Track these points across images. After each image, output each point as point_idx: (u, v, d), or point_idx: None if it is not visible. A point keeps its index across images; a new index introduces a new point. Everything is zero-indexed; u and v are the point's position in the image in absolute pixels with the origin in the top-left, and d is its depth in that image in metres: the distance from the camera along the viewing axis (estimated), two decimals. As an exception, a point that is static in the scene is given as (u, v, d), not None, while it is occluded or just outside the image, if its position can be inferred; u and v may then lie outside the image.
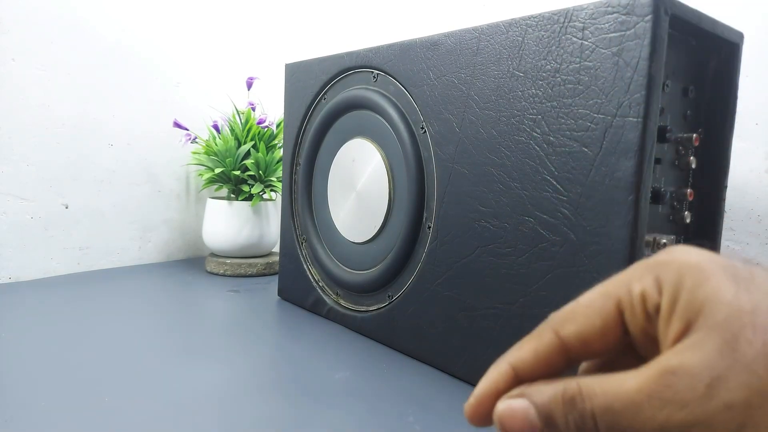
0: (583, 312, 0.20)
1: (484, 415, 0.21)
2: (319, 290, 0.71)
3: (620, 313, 0.19)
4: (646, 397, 0.17)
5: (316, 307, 0.71)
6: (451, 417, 0.44)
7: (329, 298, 0.69)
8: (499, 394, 0.20)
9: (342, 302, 0.67)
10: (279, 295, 0.79)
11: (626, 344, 0.20)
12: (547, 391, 0.19)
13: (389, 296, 0.60)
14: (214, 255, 0.94)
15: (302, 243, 0.74)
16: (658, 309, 0.18)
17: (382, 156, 0.61)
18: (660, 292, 0.18)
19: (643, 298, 0.19)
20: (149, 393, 0.46)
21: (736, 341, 0.16)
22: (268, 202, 0.95)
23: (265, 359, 0.56)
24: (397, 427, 0.42)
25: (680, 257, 0.19)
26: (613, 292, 0.19)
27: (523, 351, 0.21)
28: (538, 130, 0.44)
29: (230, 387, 0.48)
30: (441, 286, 0.53)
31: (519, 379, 0.20)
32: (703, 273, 0.18)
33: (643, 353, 0.20)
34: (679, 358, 0.17)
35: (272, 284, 0.86)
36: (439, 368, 0.54)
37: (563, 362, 0.20)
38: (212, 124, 0.95)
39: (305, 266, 0.73)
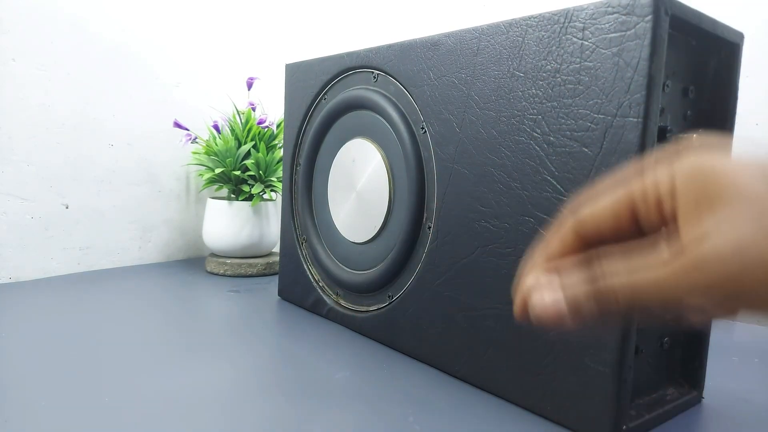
0: (598, 209, 0.23)
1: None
2: (319, 290, 0.71)
3: (633, 211, 0.22)
4: (673, 280, 0.19)
5: (316, 307, 0.71)
6: (451, 417, 0.44)
7: (329, 298, 0.69)
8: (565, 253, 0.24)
9: (342, 302, 0.67)
10: (279, 295, 0.79)
11: (638, 231, 0.22)
12: (576, 283, 0.22)
13: (389, 296, 0.60)
14: (214, 255, 0.94)
15: (302, 243, 0.74)
16: (674, 211, 0.20)
17: (382, 156, 0.61)
18: (674, 197, 0.20)
19: (659, 203, 0.21)
20: (149, 393, 0.46)
21: (763, 214, 0.18)
22: (269, 202, 0.95)
23: (265, 359, 0.56)
24: (397, 427, 0.42)
25: (695, 161, 0.20)
26: (628, 192, 0.22)
27: (551, 243, 0.24)
28: (539, 131, 0.44)
29: (230, 387, 0.48)
30: (441, 286, 0.53)
31: (584, 240, 0.24)
32: (719, 169, 0.19)
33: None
34: (705, 246, 0.18)
35: (272, 284, 0.86)
36: (439, 368, 0.54)
37: (583, 246, 0.23)
38: (212, 124, 0.95)
39: (305, 266, 0.73)
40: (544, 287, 0.23)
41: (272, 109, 1.04)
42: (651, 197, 0.21)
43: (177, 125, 0.94)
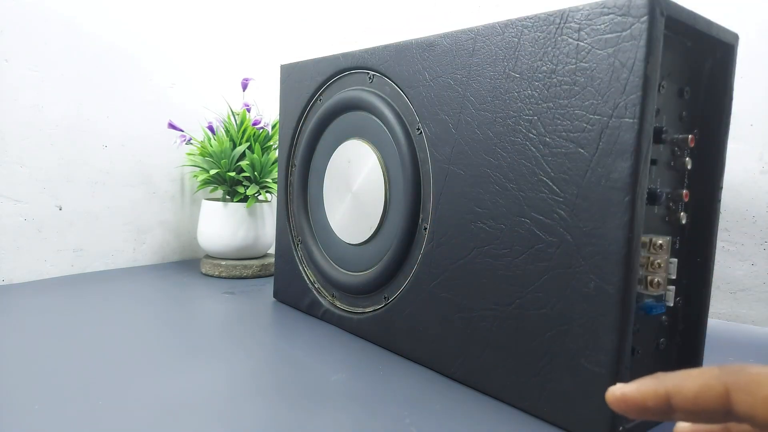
0: None
1: (623, 410, 0.22)
2: (315, 292, 0.70)
3: None
4: None
5: (311, 309, 0.71)
6: (447, 419, 0.44)
7: (325, 300, 0.69)
8: (644, 409, 0.22)
9: (338, 304, 0.67)
10: (274, 296, 0.78)
11: None
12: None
13: (385, 298, 0.60)
14: (209, 257, 0.93)
15: (298, 244, 0.74)
16: None
17: (377, 157, 0.60)
18: None
19: None
20: (144, 396, 0.46)
21: None
22: (264, 204, 0.94)
23: (260, 361, 0.56)
24: (393, 429, 0.42)
25: None
26: None
27: (687, 387, 0.21)
28: (534, 131, 0.44)
29: (226, 389, 0.48)
30: (437, 287, 0.53)
31: (669, 406, 0.21)
32: None
33: None
34: None
35: (267, 286, 0.85)
36: (436, 370, 0.53)
37: (720, 417, 0.20)
38: (207, 125, 0.95)
39: (301, 268, 0.73)
40: None
41: (267, 110, 1.04)
42: None
43: (171, 126, 0.93)
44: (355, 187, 0.63)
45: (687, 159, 0.44)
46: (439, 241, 0.53)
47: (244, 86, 0.97)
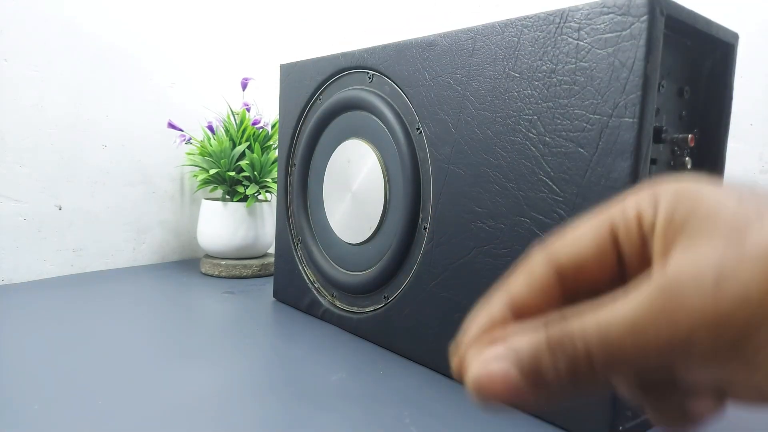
0: (575, 236, 0.19)
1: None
2: (315, 292, 0.70)
3: (614, 236, 0.18)
4: (649, 315, 0.15)
5: (311, 309, 0.71)
6: (447, 418, 0.44)
7: (325, 300, 0.69)
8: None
9: (338, 303, 0.67)
10: (274, 296, 0.78)
11: (622, 276, 0.19)
12: (526, 340, 0.17)
13: (385, 297, 0.60)
14: (208, 256, 0.93)
15: (297, 244, 0.74)
16: (653, 228, 0.17)
17: (377, 157, 0.60)
18: (656, 211, 0.17)
19: (639, 219, 0.18)
20: (143, 396, 0.46)
21: (743, 236, 0.14)
22: (263, 204, 0.94)
23: (260, 361, 0.56)
24: (393, 429, 0.42)
25: (680, 182, 0.18)
26: (607, 215, 0.19)
27: (516, 286, 0.19)
28: (534, 131, 0.44)
29: (225, 389, 0.48)
30: (437, 287, 0.53)
31: (517, 318, 0.19)
32: (703, 190, 0.17)
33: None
34: (678, 265, 0.15)
35: (267, 286, 0.85)
36: (436, 369, 0.53)
37: (560, 293, 0.19)
38: (207, 124, 0.95)
39: (300, 267, 0.73)
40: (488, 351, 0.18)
41: (267, 110, 1.04)
42: (631, 216, 0.18)
43: (171, 126, 0.93)
44: (355, 186, 0.63)
45: (687, 159, 0.44)
46: (439, 241, 0.53)
47: (244, 86, 0.97)
